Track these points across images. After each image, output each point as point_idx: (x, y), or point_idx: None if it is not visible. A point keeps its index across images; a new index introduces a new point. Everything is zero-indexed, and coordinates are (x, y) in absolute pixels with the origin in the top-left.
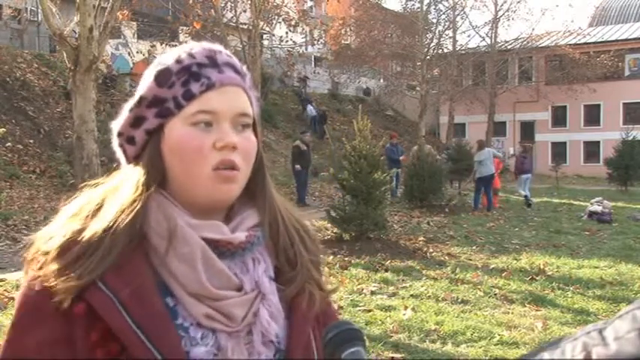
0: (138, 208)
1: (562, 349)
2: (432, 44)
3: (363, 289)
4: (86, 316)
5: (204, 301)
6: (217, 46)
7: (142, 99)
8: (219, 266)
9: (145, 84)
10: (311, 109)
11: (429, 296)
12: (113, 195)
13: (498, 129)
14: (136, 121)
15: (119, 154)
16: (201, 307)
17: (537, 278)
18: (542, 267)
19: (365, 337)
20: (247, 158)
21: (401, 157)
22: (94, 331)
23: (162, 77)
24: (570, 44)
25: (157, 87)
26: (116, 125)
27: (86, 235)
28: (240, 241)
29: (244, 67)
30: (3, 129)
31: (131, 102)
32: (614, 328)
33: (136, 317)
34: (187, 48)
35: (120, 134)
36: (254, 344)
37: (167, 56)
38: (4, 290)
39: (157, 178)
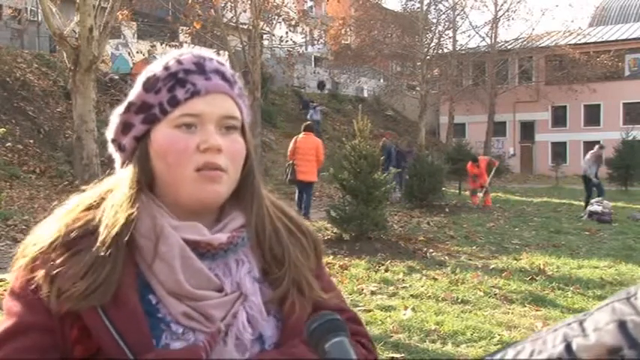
0: (130, 210)
1: (543, 339)
2: (432, 44)
3: (363, 289)
4: (70, 313)
5: (183, 300)
6: (208, 53)
7: (130, 105)
8: (197, 266)
9: (134, 90)
10: (312, 113)
11: (429, 296)
12: (108, 196)
13: (498, 129)
14: (124, 127)
15: (115, 159)
16: (180, 306)
17: (537, 278)
18: (542, 267)
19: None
20: (234, 161)
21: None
22: (76, 327)
23: (149, 83)
24: (570, 44)
25: (144, 93)
26: (109, 132)
27: (78, 235)
28: (220, 242)
29: (236, 75)
30: (3, 129)
31: (120, 107)
32: (593, 320)
33: (111, 316)
34: (177, 54)
35: (113, 141)
36: (227, 346)
37: (157, 63)
38: (4, 290)
39: (146, 182)
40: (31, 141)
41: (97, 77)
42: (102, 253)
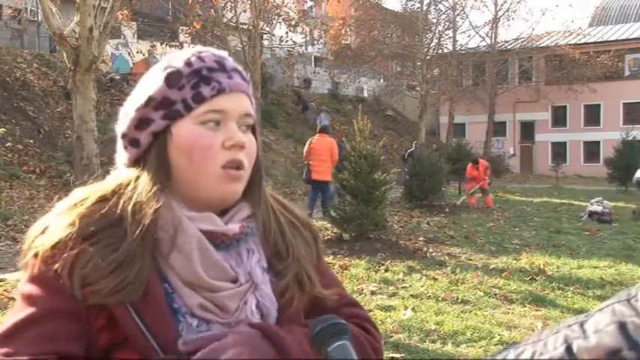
0: (156, 205)
1: (544, 341)
2: (432, 44)
3: (363, 289)
4: (96, 304)
5: (199, 291)
6: (224, 53)
7: (149, 100)
8: (214, 257)
9: (153, 85)
10: (322, 118)
11: (429, 296)
12: (122, 191)
13: (498, 129)
14: (140, 123)
15: (122, 155)
16: (196, 298)
17: (537, 278)
18: (542, 267)
19: (350, 331)
20: (251, 159)
21: None
22: (102, 316)
23: (173, 79)
24: (570, 44)
25: (166, 88)
26: (120, 126)
27: (97, 226)
28: (234, 232)
29: (249, 75)
30: (3, 129)
31: (135, 102)
32: (594, 321)
33: (140, 311)
34: (196, 52)
35: (124, 136)
36: None
37: (175, 59)
38: (4, 290)
39: (165, 177)
40: (31, 141)
41: (97, 77)
42: (131, 250)
